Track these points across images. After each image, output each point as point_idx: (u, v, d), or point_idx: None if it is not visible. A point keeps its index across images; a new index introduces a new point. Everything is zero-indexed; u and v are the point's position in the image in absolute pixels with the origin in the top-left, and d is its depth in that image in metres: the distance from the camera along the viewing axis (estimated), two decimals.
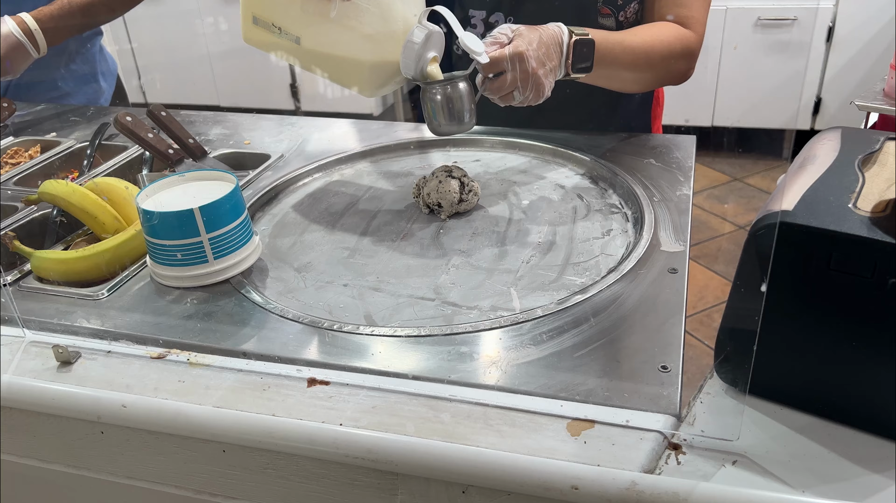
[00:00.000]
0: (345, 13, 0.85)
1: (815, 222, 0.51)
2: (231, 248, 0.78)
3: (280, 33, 0.90)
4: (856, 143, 0.61)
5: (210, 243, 0.76)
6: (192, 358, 0.67)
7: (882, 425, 0.54)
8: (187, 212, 0.74)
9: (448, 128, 0.91)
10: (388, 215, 0.93)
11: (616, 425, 0.57)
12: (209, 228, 0.75)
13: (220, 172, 0.83)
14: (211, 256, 0.76)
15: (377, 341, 0.69)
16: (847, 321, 0.52)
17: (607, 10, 1.05)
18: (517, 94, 0.87)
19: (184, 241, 0.75)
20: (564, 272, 0.79)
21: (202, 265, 0.77)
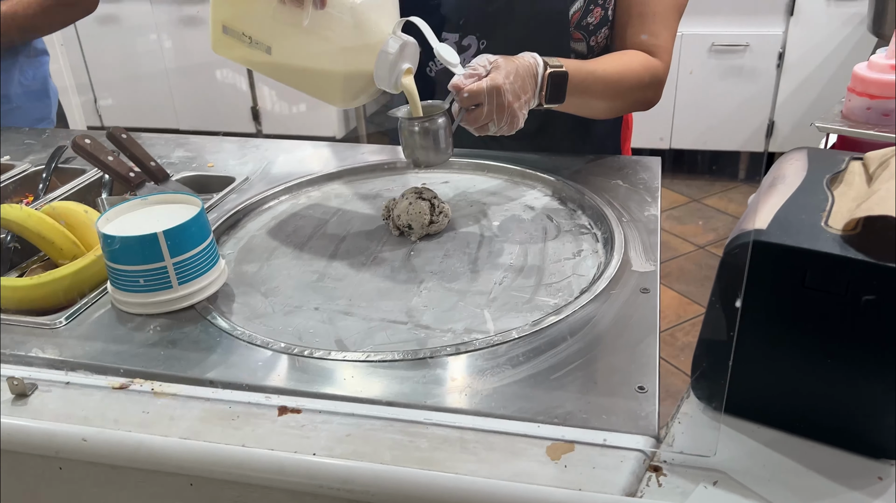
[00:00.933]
0: (318, 22, 0.84)
1: (788, 240, 0.51)
2: (196, 272, 0.76)
3: (251, 43, 0.88)
4: (822, 162, 0.62)
5: (174, 268, 0.74)
6: (157, 387, 0.65)
7: (857, 442, 0.55)
8: (151, 236, 0.71)
9: (426, 160, 0.91)
10: (358, 238, 0.92)
11: (596, 447, 0.56)
12: (174, 253, 0.73)
13: (183, 195, 0.81)
14: (175, 282, 0.74)
15: (349, 367, 0.67)
16: (821, 338, 0.52)
17: (579, 35, 1.06)
18: (492, 126, 0.87)
19: (147, 266, 0.73)
20: (537, 293, 0.79)
21: (166, 291, 0.74)
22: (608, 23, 1.07)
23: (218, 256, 0.79)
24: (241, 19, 0.88)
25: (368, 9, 0.85)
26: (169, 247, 0.72)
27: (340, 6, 0.84)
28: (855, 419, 0.53)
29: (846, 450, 0.55)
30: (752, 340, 0.54)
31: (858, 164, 0.61)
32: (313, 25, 0.83)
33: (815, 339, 0.53)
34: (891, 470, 0.53)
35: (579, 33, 1.06)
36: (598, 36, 1.07)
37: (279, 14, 0.85)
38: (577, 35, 1.06)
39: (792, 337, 0.54)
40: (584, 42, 1.07)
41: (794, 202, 0.55)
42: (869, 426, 0.53)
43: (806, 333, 0.53)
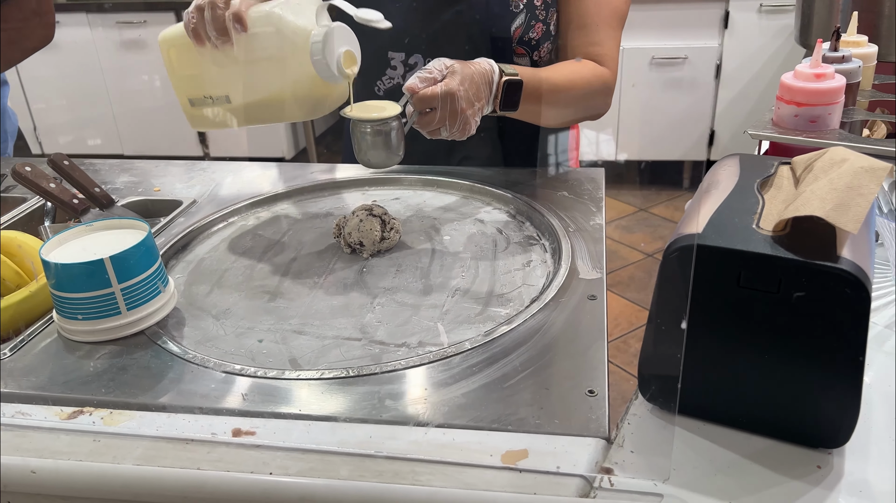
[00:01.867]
0: (247, 46, 0.84)
1: (723, 242, 0.53)
2: (145, 297, 0.75)
3: (213, 101, 0.90)
4: (753, 167, 0.65)
5: (122, 294, 0.73)
6: (107, 416, 0.64)
7: (796, 433, 0.57)
8: (97, 262, 0.70)
9: (377, 161, 0.92)
10: (309, 257, 0.92)
11: (549, 453, 0.57)
12: (121, 278, 0.72)
13: (130, 220, 0.80)
14: (124, 307, 0.73)
15: (304, 386, 0.67)
16: (757, 335, 0.55)
17: (522, 50, 1.08)
18: (444, 131, 0.88)
19: (94, 293, 0.72)
20: (489, 304, 0.80)
21: (114, 317, 0.73)
22: (550, 37, 1.10)
23: (167, 280, 0.79)
24: (195, 84, 0.90)
25: (285, 11, 0.86)
26: (116, 272, 0.72)
27: (260, 20, 0.85)
28: (793, 411, 0.56)
29: (787, 442, 0.57)
30: (693, 340, 0.56)
31: (787, 169, 0.64)
32: (245, 51, 0.84)
33: (752, 337, 0.55)
34: (829, 458, 0.56)
35: (522, 48, 1.08)
36: (542, 50, 1.10)
37: (218, 58, 0.86)
38: (519, 50, 1.09)
39: (730, 335, 0.56)
40: (528, 57, 1.09)
41: (728, 206, 0.58)
42: (805, 417, 0.56)
43: (743, 331, 0.55)
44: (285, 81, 0.87)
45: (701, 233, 0.55)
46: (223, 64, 0.86)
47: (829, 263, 0.50)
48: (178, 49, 0.94)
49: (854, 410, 0.53)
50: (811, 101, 0.86)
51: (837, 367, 0.52)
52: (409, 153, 0.94)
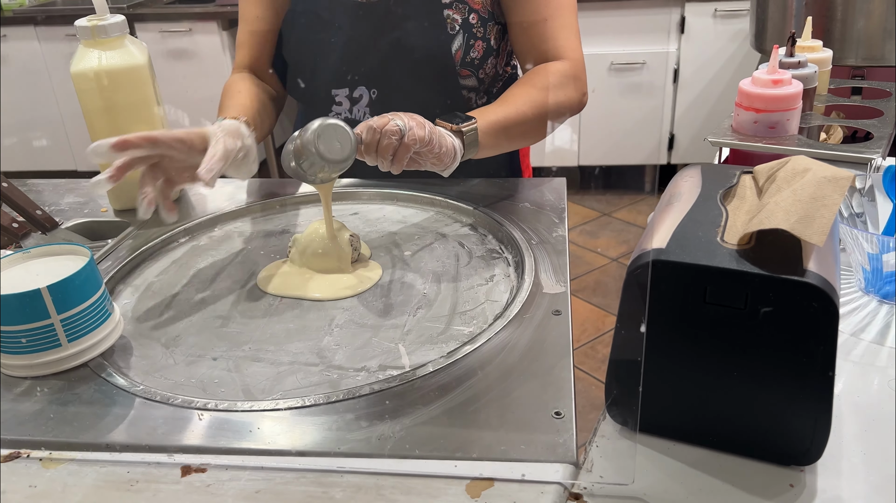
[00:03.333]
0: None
1: (687, 258, 0.52)
2: (87, 328, 0.71)
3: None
4: (715, 178, 0.63)
5: (62, 325, 0.68)
6: (46, 457, 0.60)
7: (767, 452, 0.55)
8: (33, 292, 0.66)
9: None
10: None
11: (515, 481, 0.55)
12: (60, 309, 0.68)
13: (71, 246, 0.76)
14: (64, 339, 0.69)
15: (257, 417, 0.64)
16: (725, 352, 0.53)
17: (467, 71, 1.07)
18: (383, 162, 0.86)
19: (31, 325, 0.67)
20: (452, 322, 0.77)
21: (54, 350, 0.69)
22: (493, 52, 1.09)
23: (111, 308, 0.75)
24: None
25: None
26: (55, 302, 0.67)
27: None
28: (763, 429, 0.54)
29: (758, 460, 0.56)
30: (660, 358, 0.55)
31: (749, 178, 0.63)
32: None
33: (720, 353, 0.53)
34: (801, 476, 0.54)
35: (466, 70, 1.07)
36: (486, 67, 1.08)
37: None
38: (464, 72, 1.07)
39: (697, 352, 0.54)
40: (473, 76, 1.08)
41: (691, 219, 0.56)
42: (776, 435, 0.54)
43: (710, 348, 0.54)
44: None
45: (664, 248, 0.53)
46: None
47: (795, 277, 0.49)
48: None
49: (825, 426, 0.52)
50: (770, 108, 0.86)
51: (807, 383, 0.51)
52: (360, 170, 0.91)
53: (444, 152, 0.87)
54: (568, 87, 1.04)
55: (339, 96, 1.10)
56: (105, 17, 0.98)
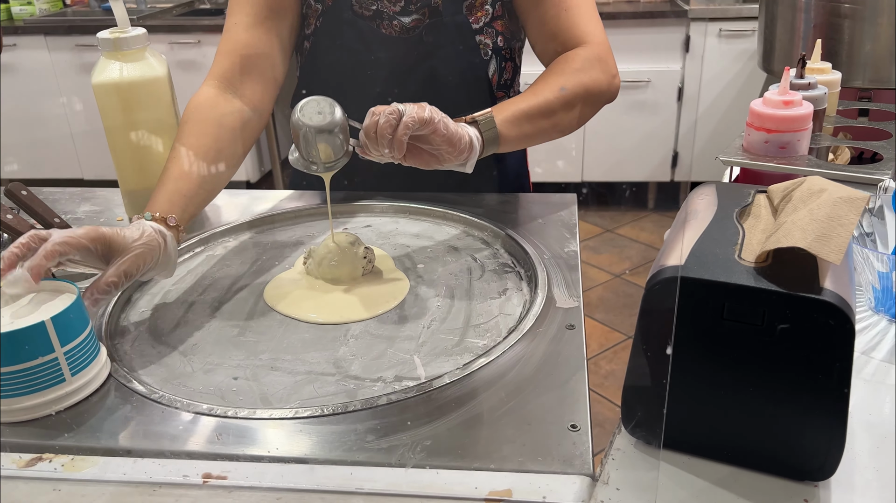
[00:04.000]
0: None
1: (706, 275, 0.53)
2: (86, 360, 0.68)
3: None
4: (731, 197, 0.64)
5: (66, 358, 0.66)
6: (68, 462, 0.60)
7: (782, 466, 0.56)
8: (37, 325, 0.63)
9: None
10: None
11: (534, 492, 0.56)
12: (63, 341, 0.65)
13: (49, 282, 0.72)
14: (68, 373, 0.67)
15: (276, 426, 0.65)
16: (742, 368, 0.54)
17: (501, 93, 1.10)
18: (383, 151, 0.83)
19: (36, 362, 0.64)
20: (466, 335, 0.78)
21: (60, 385, 0.66)
22: (519, 72, 1.11)
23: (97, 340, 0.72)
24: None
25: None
26: (58, 334, 0.65)
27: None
28: (778, 444, 0.55)
29: (773, 475, 0.56)
30: (677, 373, 0.55)
31: (763, 197, 0.64)
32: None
33: (736, 369, 0.54)
34: (815, 491, 0.55)
35: (501, 91, 1.10)
36: (516, 86, 1.11)
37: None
38: (499, 94, 1.10)
39: (713, 367, 0.55)
40: (506, 97, 1.10)
41: (708, 237, 0.57)
42: (791, 450, 0.55)
43: (726, 363, 0.54)
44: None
45: (683, 264, 0.54)
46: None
47: (812, 295, 0.50)
48: None
49: (840, 442, 0.53)
50: (781, 128, 0.87)
51: (822, 399, 0.52)
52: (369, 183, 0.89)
53: (455, 137, 0.85)
54: (593, 69, 1.00)
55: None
56: (127, 29, 1.00)
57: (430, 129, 0.82)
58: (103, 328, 0.80)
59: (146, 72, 1.00)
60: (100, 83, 0.99)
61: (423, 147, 0.86)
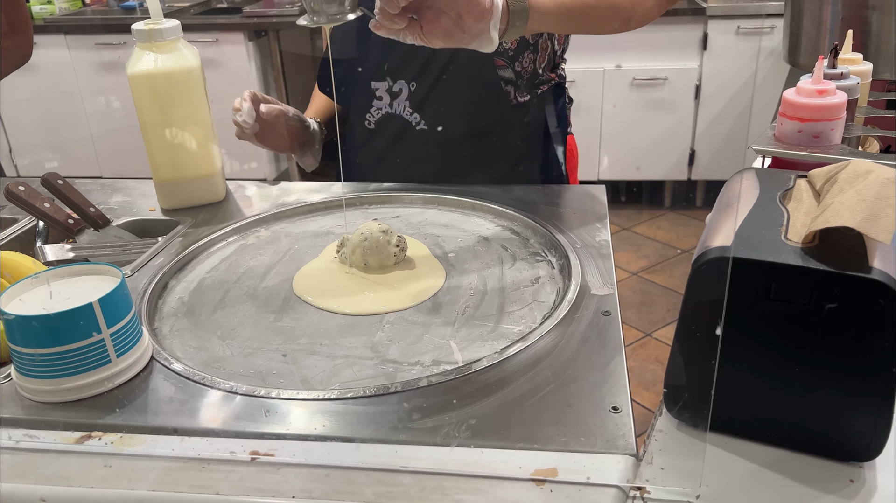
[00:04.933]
0: None
1: (753, 255, 0.53)
2: (131, 342, 0.69)
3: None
4: (772, 181, 0.65)
5: (112, 339, 0.67)
6: (117, 440, 0.61)
7: (827, 447, 0.56)
8: (85, 307, 0.64)
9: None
10: None
11: (578, 471, 0.56)
12: (110, 322, 0.66)
13: (90, 265, 0.73)
14: (113, 354, 0.68)
15: (319, 406, 0.65)
16: (788, 348, 0.54)
17: (501, 61, 1.09)
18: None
19: (83, 343, 0.65)
20: (501, 321, 0.79)
21: (105, 366, 0.67)
22: (528, 46, 1.10)
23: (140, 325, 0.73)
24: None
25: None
26: (105, 316, 0.66)
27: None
28: (823, 425, 0.55)
29: (818, 457, 0.57)
30: (722, 354, 0.56)
31: (804, 182, 0.65)
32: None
33: (781, 349, 0.55)
34: (860, 472, 0.55)
35: (500, 59, 1.09)
36: (522, 61, 1.10)
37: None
38: (499, 62, 1.09)
39: (759, 348, 0.55)
40: (509, 68, 1.10)
41: (753, 219, 0.58)
42: (837, 431, 0.55)
43: (772, 344, 0.55)
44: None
45: (729, 245, 0.54)
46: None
47: (861, 274, 0.50)
48: None
49: (887, 422, 0.53)
50: (814, 117, 0.87)
51: (870, 379, 0.52)
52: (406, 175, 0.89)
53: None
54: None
55: (380, 90, 1.13)
56: (160, 21, 1.01)
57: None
58: (142, 313, 0.81)
59: (181, 62, 1.01)
60: (135, 74, 1.00)
61: (440, 12, 0.78)
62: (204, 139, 1.06)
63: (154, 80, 1.00)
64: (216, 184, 1.10)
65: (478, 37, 0.81)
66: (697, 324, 0.56)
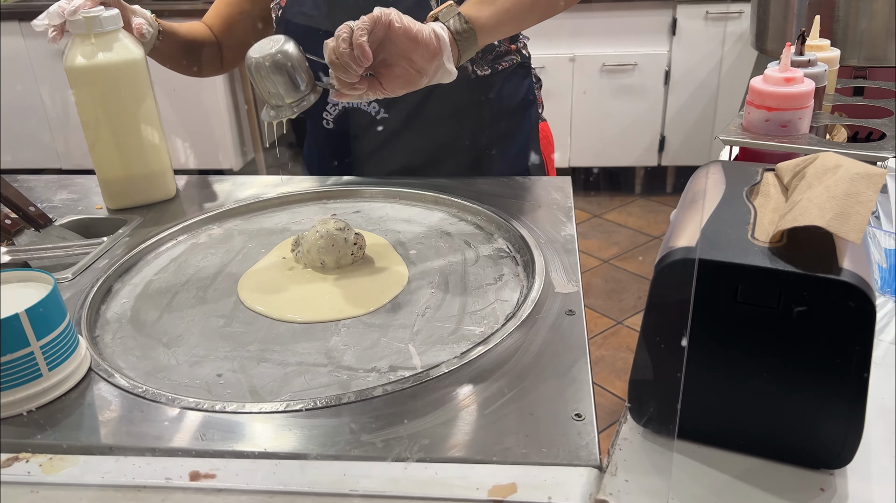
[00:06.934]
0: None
1: (719, 256, 0.50)
2: (64, 355, 0.65)
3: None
4: (738, 175, 0.62)
5: (42, 352, 0.62)
6: (46, 462, 0.57)
7: (796, 455, 0.54)
8: (11, 318, 0.59)
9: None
10: None
11: (539, 486, 0.53)
12: (39, 334, 0.62)
13: (23, 272, 0.68)
14: (45, 368, 0.63)
15: (267, 419, 0.62)
16: (755, 353, 0.52)
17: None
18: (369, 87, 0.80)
19: (11, 357, 0.60)
20: (462, 322, 0.76)
21: (35, 381, 0.62)
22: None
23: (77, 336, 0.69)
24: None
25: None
26: (34, 327, 0.61)
27: None
28: (793, 431, 0.53)
29: (787, 464, 0.54)
30: (689, 359, 0.53)
31: (772, 175, 0.62)
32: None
33: (749, 354, 0.52)
34: (831, 479, 0.53)
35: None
36: None
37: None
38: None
39: (725, 352, 0.53)
40: None
41: (719, 216, 0.55)
42: (807, 437, 0.53)
43: (739, 348, 0.52)
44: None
45: (693, 246, 0.51)
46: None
47: (832, 276, 0.47)
48: None
49: (858, 428, 0.51)
50: (782, 106, 0.85)
51: (841, 384, 0.50)
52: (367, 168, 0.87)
53: (414, 29, 0.79)
54: None
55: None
56: (98, 9, 0.95)
57: (384, 25, 0.77)
58: (83, 320, 0.77)
59: (123, 54, 0.96)
60: (73, 67, 0.94)
61: (393, 63, 0.80)
62: (150, 135, 1.01)
63: (94, 73, 0.95)
64: (165, 181, 1.05)
65: (436, 73, 0.83)
66: (662, 328, 0.53)
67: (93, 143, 1.00)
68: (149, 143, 1.01)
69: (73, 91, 0.96)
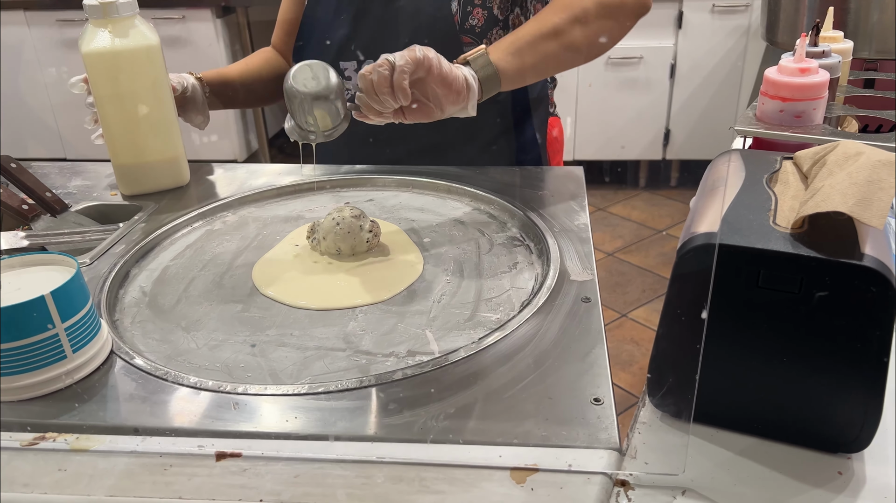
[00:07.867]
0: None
1: (741, 241, 0.51)
2: (88, 336, 0.65)
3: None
4: (757, 163, 0.63)
5: (67, 334, 0.63)
6: (73, 441, 0.58)
7: (815, 439, 0.55)
8: (37, 300, 0.60)
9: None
10: None
11: (560, 468, 0.54)
12: (64, 316, 0.62)
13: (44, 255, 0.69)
14: (69, 350, 0.64)
15: (289, 401, 0.62)
16: (776, 338, 0.52)
17: (468, 38, 1.05)
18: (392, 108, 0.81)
19: (36, 338, 0.61)
20: (478, 309, 0.76)
21: (60, 363, 0.63)
22: (498, 23, 1.06)
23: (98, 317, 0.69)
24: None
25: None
26: (59, 309, 0.62)
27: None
28: (812, 416, 0.54)
29: (805, 448, 0.55)
30: (708, 343, 0.54)
31: (790, 164, 0.62)
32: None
33: (769, 339, 0.53)
34: (849, 464, 0.54)
35: (467, 37, 1.05)
36: (491, 38, 1.06)
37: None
38: (466, 39, 1.06)
39: (746, 337, 0.53)
40: (475, 45, 1.07)
41: (740, 203, 0.55)
42: (825, 422, 0.53)
43: (760, 333, 0.53)
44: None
45: (716, 232, 0.52)
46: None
47: (853, 261, 0.48)
48: None
49: (876, 413, 0.51)
50: (796, 97, 0.85)
51: (860, 369, 0.50)
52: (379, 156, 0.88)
53: (450, 77, 0.82)
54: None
55: (348, 70, 1.09)
56: None
57: (425, 69, 0.79)
58: (102, 304, 0.77)
59: (139, 40, 0.96)
60: (90, 52, 0.95)
61: (420, 97, 0.83)
62: (165, 121, 1.01)
63: (111, 58, 0.95)
64: (179, 167, 1.06)
65: (457, 113, 0.87)
66: (683, 313, 0.54)
67: (108, 130, 1.00)
68: (164, 130, 1.02)
69: (89, 77, 0.97)
